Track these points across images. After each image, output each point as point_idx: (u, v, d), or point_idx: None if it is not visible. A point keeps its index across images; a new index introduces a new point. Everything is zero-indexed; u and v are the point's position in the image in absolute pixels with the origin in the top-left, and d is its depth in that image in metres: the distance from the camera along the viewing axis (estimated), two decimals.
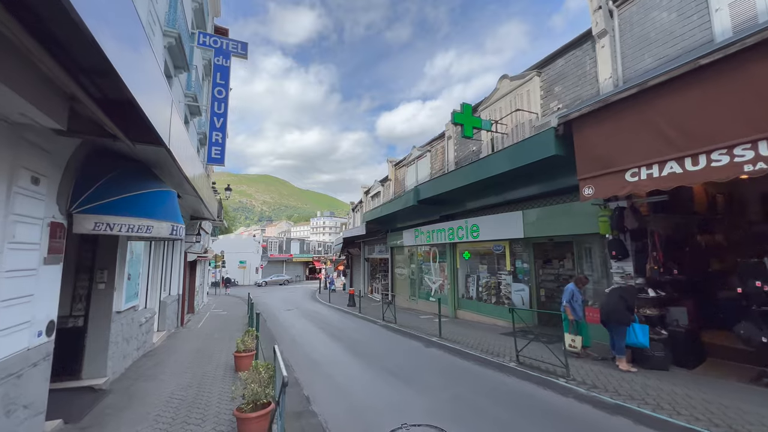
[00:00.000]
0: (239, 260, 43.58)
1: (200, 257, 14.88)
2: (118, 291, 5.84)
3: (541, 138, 7.43)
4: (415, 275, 15.93)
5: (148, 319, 7.79)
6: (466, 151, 12.77)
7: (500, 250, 10.84)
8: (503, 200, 10.15)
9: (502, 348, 7.72)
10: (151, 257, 8.54)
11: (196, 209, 10.61)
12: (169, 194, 5.09)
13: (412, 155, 16.97)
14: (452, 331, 9.80)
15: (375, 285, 22.27)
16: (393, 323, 11.62)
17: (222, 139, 10.80)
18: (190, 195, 7.62)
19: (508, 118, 10.70)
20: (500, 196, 10.13)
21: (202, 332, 10.63)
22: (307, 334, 10.43)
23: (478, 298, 11.86)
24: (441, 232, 12.98)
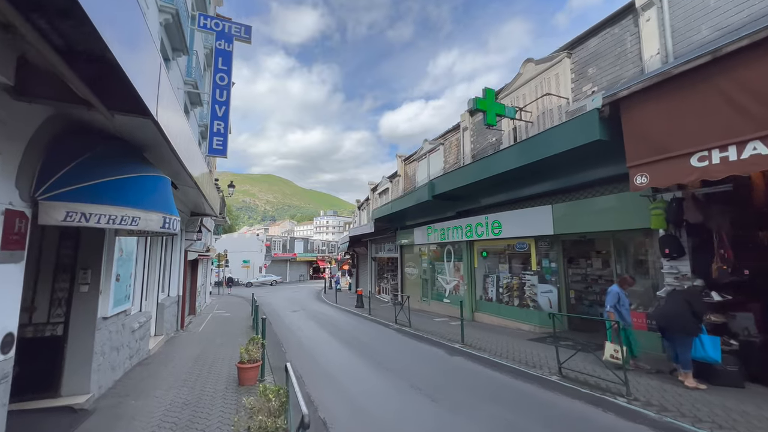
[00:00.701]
0: (243, 259, 42.99)
1: (202, 256, 14.16)
2: (105, 294, 5.08)
3: (581, 121, 6.60)
4: (427, 275, 15.12)
5: (143, 323, 7.05)
6: (485, 142, 11.94)
7: (524, 249, 10.01)
8: (530, 194, 9.32)
9: (536, 357, 6.90)
10: (147, 256, 7.80)
11: (197, 204, 9.87)
12: (161, 180, 4.33)
13: (423, 149, 16.16)
14: (474, 336, 8.99)
15: (383, 285, 21.49)
16: (407, 327, 10.84)
17: (224, 129, 10.04)
18: (189, 186, 6.87)
19: (533, 105, 9.87)
20: (527, 189, 9.30)
21: (204, 336, 9.89)
22: (316, 339, 9.66)
23: (498, 300, 11.04)
24: (457, 229, 12.16)
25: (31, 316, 4.62)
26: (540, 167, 8.10)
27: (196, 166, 6.06)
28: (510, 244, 10.55)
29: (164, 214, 4.12)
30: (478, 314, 11.68)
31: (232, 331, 10.65)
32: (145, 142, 4.41)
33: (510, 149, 8.60)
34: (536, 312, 9.45)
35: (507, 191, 9.91)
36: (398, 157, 18.93)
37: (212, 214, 11.41)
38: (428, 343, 8.67)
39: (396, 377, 6.01)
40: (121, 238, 5.51)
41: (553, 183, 8.63)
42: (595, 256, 9.68)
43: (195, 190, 7.21)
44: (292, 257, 49.16)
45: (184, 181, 6.31)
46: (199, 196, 8.15)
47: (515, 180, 9.20)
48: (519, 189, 9.56)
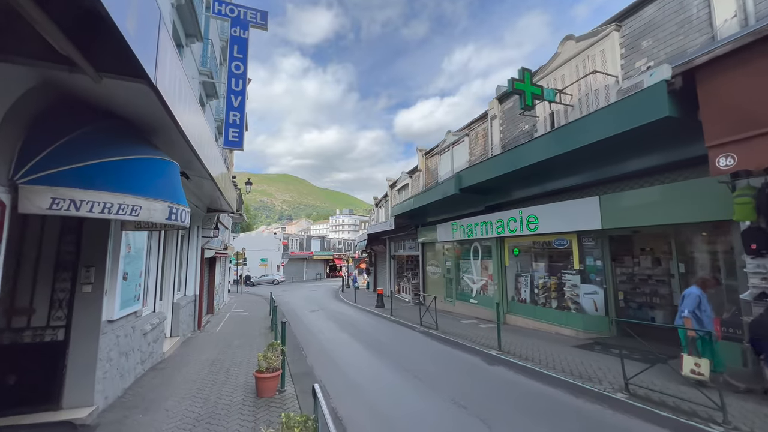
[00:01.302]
0: (260, 258, 43.15)
1: (219, 254, 13.82)
2: (110, 294, 4.58)
3: (643, 98, 5.69)
4: (452, 274, 14.32)
5: (156, 325, 6.59)
6: (516, 131, 11.03)
7: (564, 245, 9.10)
8: (572, 184, 8.41)
9: (589, 368, 6.04)
10: (160, 253, 7.35)
11: (213, 199, 9.42)
12: (167, 165, 3.75)
13: (446, 141, 15.33)
14: (510, 341, 8.17)
15: (403, 284, 20.78)
16: (433, 329, 10.11)
17: (240, 120, 9.55)
18: (203, 178, 6.36)
19: (573, 87, 8.92)
20: (568, 180, 8.39)
21: (221, 337, 9.45)
22: (338, 342, 9.05)
23: (533, 302, 10.15)
24: (486, 225, 11.31)
25: (29, 319, 4.15)
26: (586, 154, 7.19)
27: (210, 154, 5.52)
28: (547, 241, 9.64)
29: (170, 203, 3.54)
30: (509, 316, 10.82)
31: (250, 332, 10.18)
32: (150, 123, 3.85)
33: (550, 135, 7.72)
34: (579, 315, 8.54)
35: (544, 182, 9.01)
36: (418, 151, 18.15)
37: (229, 210, 10.98)
38: (460, 348, 7.91)
39: (433, 391, 5.30)
40: (129, 232, 5.01)
41: (600, 171, 7.70)
42: (646, 254, 8.69)
43: (209, 182, 6.70)
44: (309, 255, 49.07)
45: (197, 171, 5.79)
46: (214, 190, 7.66)
47: (555, 169, 8.31)
48: (559, 179, 8.66)
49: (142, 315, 5.98)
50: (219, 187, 7.21)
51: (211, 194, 8.54)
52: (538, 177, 8.93)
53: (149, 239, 6.96)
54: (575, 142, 6.94)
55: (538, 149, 7.86)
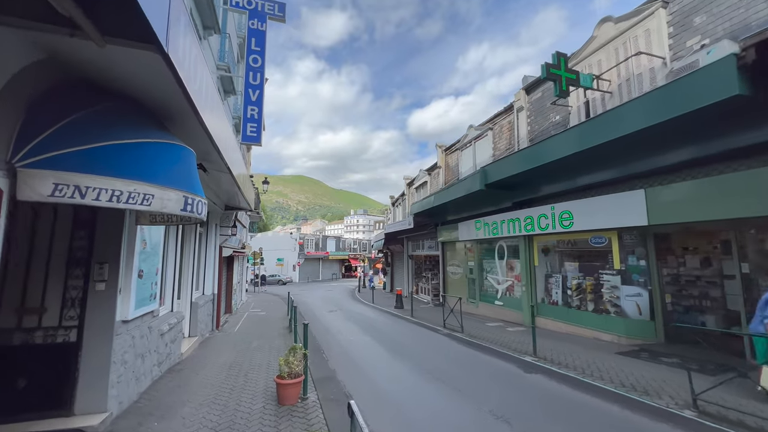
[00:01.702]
0: (277, 258, 43.38)
1: (237, 252, 13.68)
2: (125, 293, 4.31)
3: (708, 74, 5.06)
4: (474, 274, 13.73)
5: (174, 325, 6.35)
6: (546, 123, 10.39)
7: (602, 243, 8.42)
8: (612, 177, 7.75)
9: (641, 379, 5.42)
10: (178, 250, 7.13)
11: (231, 195, 9.20)
12: (182, 151, 3.43)
13: (468, 136, 14.76)
14: (545, 346, 7.58)
15: (422, 285, 20.26)
16: (459, 332, 9.59)
17: (258, 115, 9.29)
18: (221, 172, 6.08)
19: (612, 72, 8.25)
20: (609, 172, 7.74)
21: (239, 338, 9.20)
22: (359, 344, 8.66)
23: (565, 304, 9.50)
24: (513, 222, 10.71)
25: (40, 319, 3.91)
26: (630, 143, 6.55)
27: (228, 144, 5.22)
28: (583, 239, 8.98)
29: (186, 192, 3.21)
30: (539, 319, 10.18)
31: (268, 333, 9.91)
32: (164, 106, 3.53)
33: (589, 123, 7.10)
34: (620, 319, 7.87)
35: (580, 176, 8.38)
36: (438, 148, 17.61)
37: (247, 208, 10.77)
38: (491, 353, 7.38)
39: (469, 401, 4.82)
40: (144, 227, 4.74)
41: (645, 162, 7.03)
42: (693, 252, 7.93)
43: (228, 177, 6.42)
44: (325, 255, 49.09)
45: (216, 163, 5.50)
46: (232, 185, 7.39)
47: (593, 161, 7.67)
48: (597, 172, 8.01)
49: (159, 315, 5.73)
50: (237, 182, 6.94)
51: (229, 190, 8.31)
52: (573, 170, 8.30)
53: (166, 235, 6.74)
54: (619, 129, 6.32)
55: (576, 139, 7.26)
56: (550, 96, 10.37)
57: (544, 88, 10.63)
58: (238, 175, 6.68)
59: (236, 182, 6.93)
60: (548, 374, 5.87)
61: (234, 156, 5.95)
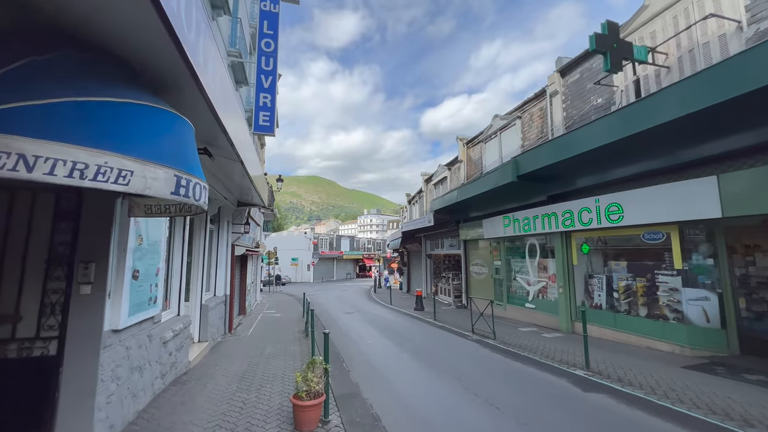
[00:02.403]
0: (291, 257, 43.12)
1: (251, 251, 13.12)
2: (115, 297, 3.65)
3: None
4: (501, 275, 12.77)
5: (180, 331, 5.71)
6: (585, 107, 9.38)
7: (659, 240, 7.39)
8: (675, 162, 6.74)
9: (731, 402, 4.45)
10: (185, 248, 6.51)
11: (243, 190, 8.56)
12: (176, 121, 2.71)
13: (492, 127, 13.79)
14: (595, 357, 6.63)
15: (441, 285, 19.35)
16: (490, 338, 8.71)
17: (271, 103, 8.64)
18: (230, 159, 5.39)
19: (669, 44, 7.22)
20: (670, 156, 6.74)
21: (252, 343, 8.57)
22: (382, 351, 7.89)
23: (611, 308, 8.48)
24: (549, 217, 9.74)
25: (14, 329, 3.27)
26: (700, 121, 5.54)
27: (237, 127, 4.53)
28: (633, 235, 7.96)
29: (178, 171, 2.49)
30: (579, 324, 9.18)
31: (284, 337, 9.25)
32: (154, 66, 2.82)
33: (650, 100, 6.10)
34: (683, 327, 6.85)
35: (632, 162, 7.37)
36: (459, 141, 16.68)
37: (260, 204, 10.15)
38: (533, 365, 6.47)
39: (527, 429, 3.97)
40: (140, 220, 4.08)
41: (717, 144, 6.02)
42: (763, 250, 6.83)
43: (239, 167, 5.73)
44: (339, 255, 48.60)
45: (224, 149, 4.80)
46: (244, 178, 6.73)
47: (650, 145, 6.66)
48: (653, 158, 7.01)
49: (161, 320, 5.09)
50: (249, 173, 6.27)
51: (241, 184, 7.66)
52: (623, 156, 7.29)
53: (172, 231, 6.13)
54: (689, 105, 5.32)
55: (630, 120, 6.27)
56: (590, 77, 9.37)
57: (583, 69, 9.62)
58: (249, 166, 6.01)
59: (248, 173, 6.25)
60: (612, 394, 4.95)
61: (244, 141, 5.27)
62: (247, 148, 5.63)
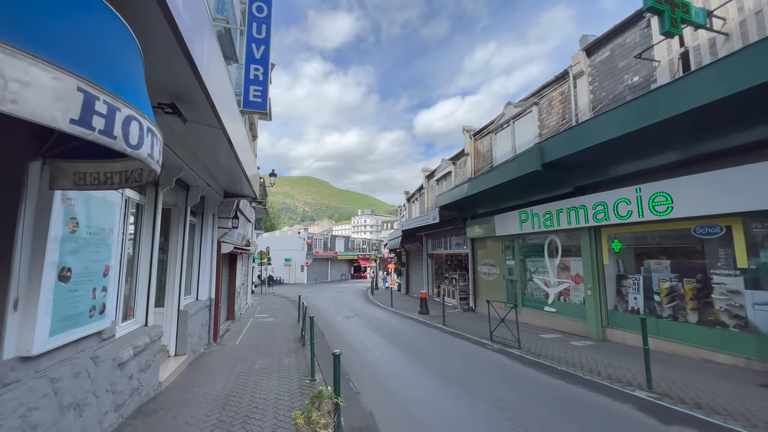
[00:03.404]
0: (284, 258, 41.73)
1: (240, 250, 11.86)
2: (27, 308, 2.46)
3: None
4: (515, 275, 11.74)
5: (146, 347, 4.51)
6: (618, 87, 8.37)
7: (715, 234, 6.39)
8: (744, 142, 5.73)
9: None
10: (156, 241, 5.29)
11: (231, 177, 7.36)
12: (101, 11, 1.55)
13: (504, 115, 12.76)
14: (643, 372, 5.57)
15: (444, 287, 18.27)
16: (514, 347, 7.64)
17: (264, 76, 7.46)
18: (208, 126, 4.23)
19: (729, 7, 6.23)
20: (732, 136, 5.73)
21: (240, 354, 7.37)
22: (394, 365, 6.76)
23: (651, 313, 7.47)
24: (577, 211, 8.71)
25: None
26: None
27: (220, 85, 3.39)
28: (681, 229, 6.94)
29: (87, 83, 1.32)
30: (611, 331, 8.17)
31: (277, 346, 8.06)
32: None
33: (717, 66, 5.08)
34: (749, 336, 5.85)
35: (684, 145, 6.36)
36: (465, 132, 15.63)
37: (250, 195, 8.94)
38: (580, 384, 5.38)
39: None
40: (73, 197, 2.88)
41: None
42: None
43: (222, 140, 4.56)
44: (333, 256, 47.30)
45: (199, 108, 3.63)
46: (230, 158, 5.54)
47: (708, 123, 5.65)
48: (711, 138, 6.00)
49: (116, 336, 3.88)
50: (236, 152, 5.10)
51: (227, 167, 6.46)
52: (674, 138, 6.27)
53: (138, 220, 4.93)
54: None
55: (693, 91, 5.24)
56: (622, 54, 8.37)
57: (614, 45, 8.62)
58: (237, 142, 4.84)
59: (234, 152, 5.09)
60: (701, 427, 3.87)
61: (228, 104, 4.10)
62: (233, 116, 4.46)
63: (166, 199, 6.00)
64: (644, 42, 7.81)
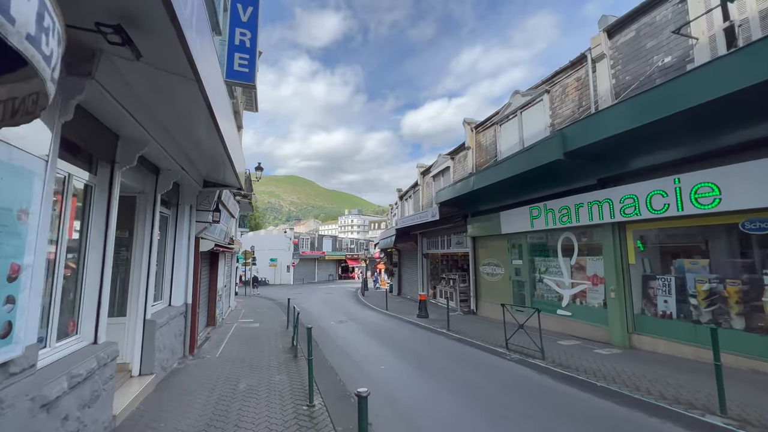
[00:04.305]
0: (270, 258, 40.12)
1: (222, 248, 10.62)
2: None
3: None
4: (523, 276, 10.94)
5: (90, 373, 3.37)
6: (647, 69, 7.62)
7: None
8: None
9: None
10: (110, 234, 4.12)
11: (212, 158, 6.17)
12: None
13: (511, 105, 11.96)
14: (697, 387, 4.77)
15: (441, 288, 17.40)
16: (537, 358, 6.77)
17: (251, 43, 6.34)
18: (180, 75, 3.14)
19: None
20: None
21: (221, 371, 6.23)
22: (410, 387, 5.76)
23: (686, 317, 6.73)
24: (600, 205, 7.92)
25: None
26: None
27: (193, 11, 2.31)
28: (727, 224, 6.21)
29: None
30: (639, 337, 7.42)
31: (265, 359, 6.94)
32: None
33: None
34: None
35: (744, 126, 5.61)
36: (466, 125, 14.78)
37: (235, 184, 7.76)
38: (636, 407, 4.52)
39: None
40: None
41: None
42: None
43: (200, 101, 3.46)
44: (321, 256, 45.90)
45: (159, 37, 2.54)
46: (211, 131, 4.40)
47: None
48: None
49: (37, 366, 2.73)
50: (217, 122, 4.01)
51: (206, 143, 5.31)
52: (724, 118, 5.53)
53: (88, 205, 3.79)
54: None
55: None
56: (651, 33, 7.64)
57: (640, 25, 7.88)
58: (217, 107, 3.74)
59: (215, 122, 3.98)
60: None
61: (206, 48, 3.02)
62: (212, 65, 3.37)
63: (129, 182, 4.84)
64: (677, 19, 7.08)
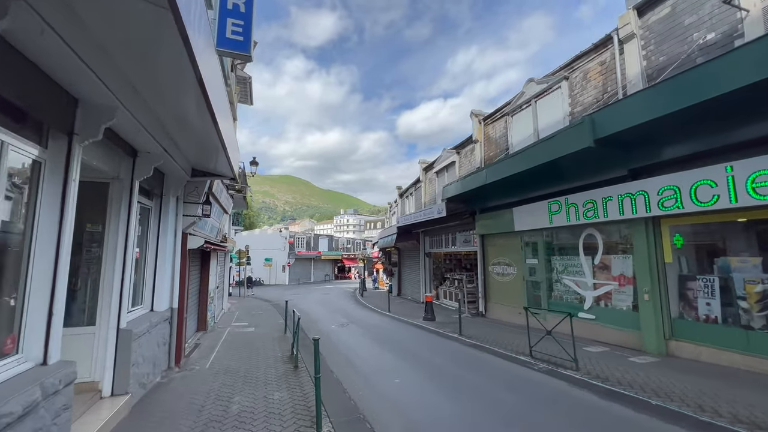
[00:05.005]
0: (265, 258, 39.12)
1: (214, 246, 9.73)
2: None
3: None
4: (538, 276, 10.21)
5: (32, 406, 2.53)
6: (685, 48, 6.91)
7: None
8: None
9: None
10: (68, 224, 3.26)
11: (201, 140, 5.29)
12: None
13: (525, 94, 11.23)
14: (754, 404, 4.05)
15: (445, 288, 16.65)
16: (570, 369, 6.03)
17: (246, 7, 5.49)
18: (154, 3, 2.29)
19: None
20: None
21: (212, 386, 5.38)
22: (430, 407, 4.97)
23: (734, 322, 6.03)
24: (633, 198, 7.19)
25: None
26: None
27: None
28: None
29: None
30: (677, 344, 6.71)
31: (261, 371, 6.10)
32: None
33: None
34: None
35: None
36: (474, 117, 14.02)
37: (227, 173, 6.89)
38: (701, 429, 3.78)
39: None
40: None
41: None
42: None
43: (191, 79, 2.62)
44: (317, 255, 44.95)
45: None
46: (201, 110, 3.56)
47: None
48: None
49: None
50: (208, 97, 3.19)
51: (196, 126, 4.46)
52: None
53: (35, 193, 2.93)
54: None
55: None
56: (689, 9, 6.94)
57: (674, 2, 7.18)
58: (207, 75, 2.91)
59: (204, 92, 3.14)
60: None
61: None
62: (198, 18, 2.53)
63: (97, 164, 3.98)
64: None
